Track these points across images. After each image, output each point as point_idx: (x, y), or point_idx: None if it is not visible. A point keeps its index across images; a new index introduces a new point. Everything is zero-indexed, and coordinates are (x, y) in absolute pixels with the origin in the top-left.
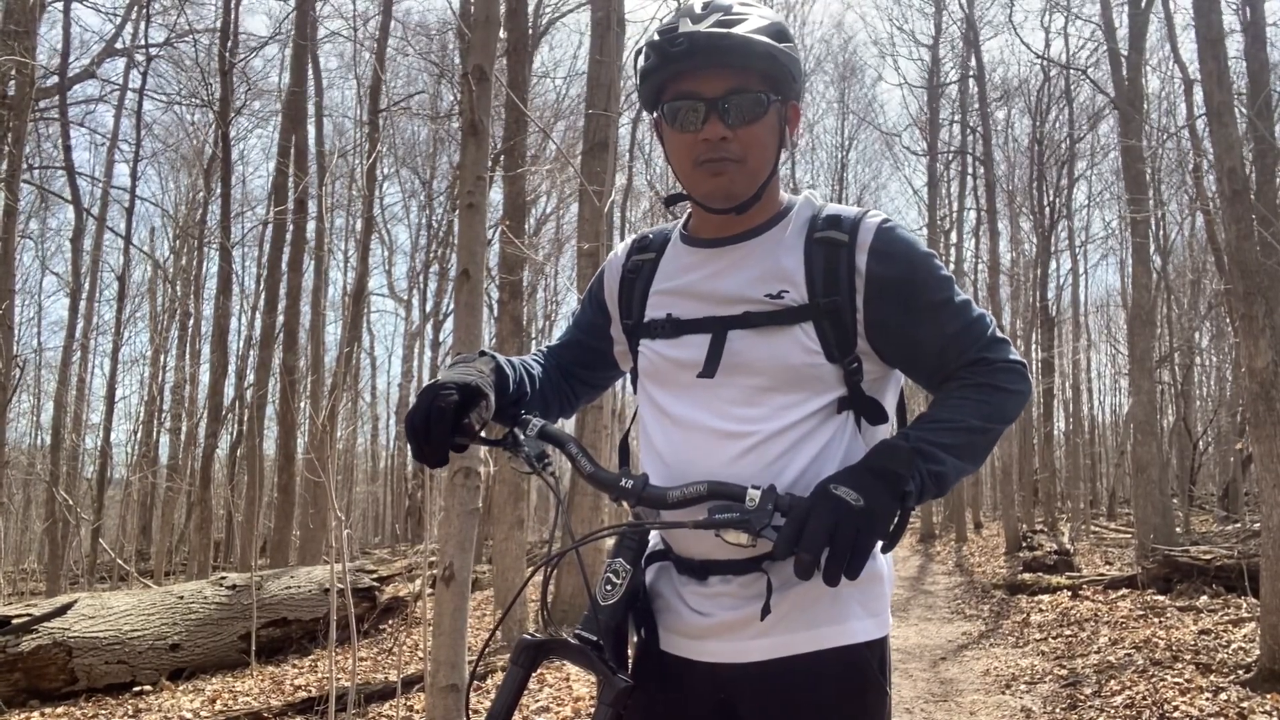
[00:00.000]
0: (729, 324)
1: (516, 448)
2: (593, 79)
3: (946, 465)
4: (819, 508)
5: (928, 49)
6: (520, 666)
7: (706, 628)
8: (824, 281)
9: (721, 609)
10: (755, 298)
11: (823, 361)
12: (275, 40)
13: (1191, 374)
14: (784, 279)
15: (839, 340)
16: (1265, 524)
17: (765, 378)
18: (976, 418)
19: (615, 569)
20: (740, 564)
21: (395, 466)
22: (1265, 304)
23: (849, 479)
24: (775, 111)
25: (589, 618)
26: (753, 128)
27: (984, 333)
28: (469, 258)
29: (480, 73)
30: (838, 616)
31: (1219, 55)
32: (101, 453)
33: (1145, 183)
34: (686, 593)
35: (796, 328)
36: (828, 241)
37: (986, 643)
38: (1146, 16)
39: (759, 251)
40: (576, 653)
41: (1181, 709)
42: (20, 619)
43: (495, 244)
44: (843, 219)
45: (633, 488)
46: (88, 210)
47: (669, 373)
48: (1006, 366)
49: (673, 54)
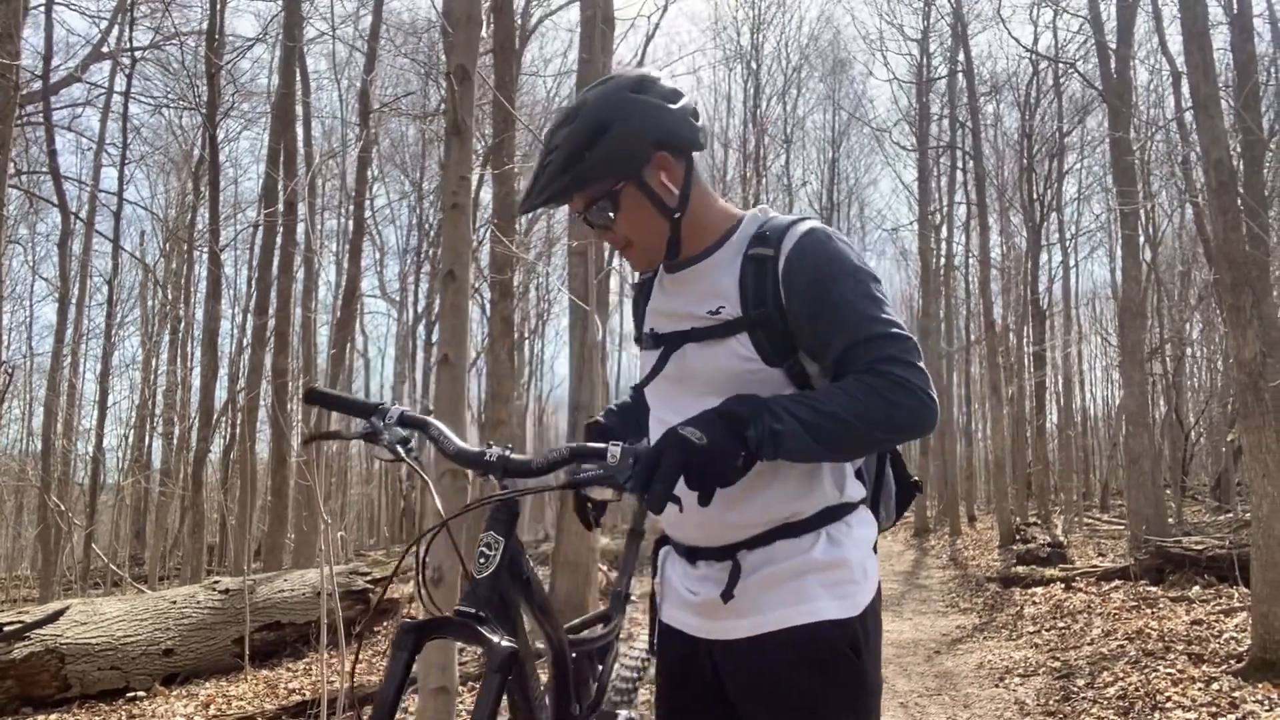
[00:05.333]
0: (684, 338)
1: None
2: (582, 78)
3: (787, 427)
4: (668, 448)
5: (916, 44)
6: (404, 650)
7: (695, 605)
8: (754, 295)
9: (705, 589)
10: (699, 314)
11: (761, 366)
12: (262, 42)
13: (1183, 365)
14: (720, 296)
15: (775, 346)
16: (1255, 514)
17: (711, 384)
18: (843, 409)
19: (488, 542)
20: (718, 550)
21: (389, 469)
22: (1253, 295)
23: (697, 421)
24: (630, 192)
25: (469, 593)
26: (617, 221)
27: (889, 347)
28: (454, 258)
29: (462, 72)
30: (801, 599)
31: (1205, 48)
32: (93, 458)
33: (1134, 175)
34: (681, 573)
35: (733, 339)
36: (756, 258)
37: (981, 636)
38: (1134, 9)
39: (705, 274)
40: (459, 628)
41: (1174, 699)
42: (12, 626)
43: (486, 244)
44: (769, 234)
45: (497, 461)
46: (75, 214)
47: (646, 379)
48: (900, 381)
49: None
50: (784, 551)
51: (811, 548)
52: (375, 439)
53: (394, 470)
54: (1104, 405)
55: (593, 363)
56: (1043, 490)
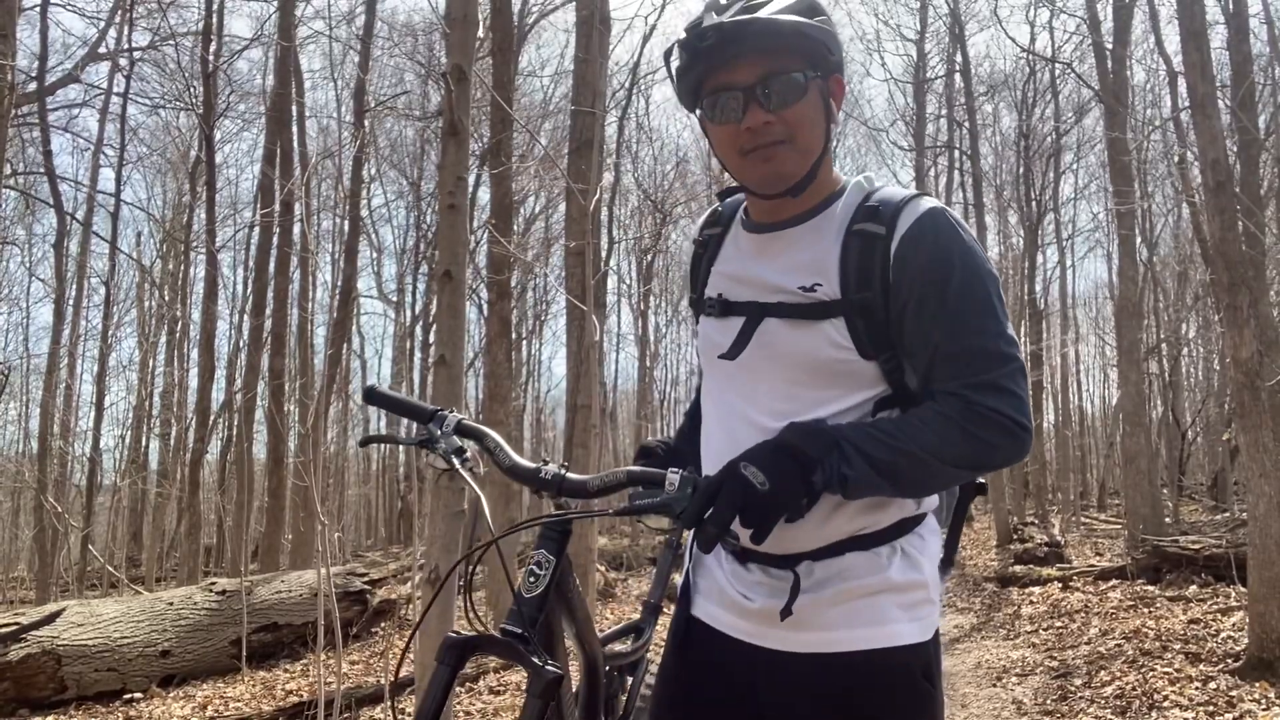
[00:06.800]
0: (766, 311)
1: (432, 444)
2: (578, 77)
3: (857, 472)
4: (727, 487)
5: (913, 44)
6: (446, 666)
7: (747, 610)
8: (857, 277)
9: (761, 596)
10: (790, 289)
11: (855, 358)
12: (259, 43)
13: (1179, 365)
14: (818, 272)
15: (873, 337)
16: (1251, 513)
17: (796, 370)
18: (921, 447)
19: (539, 561)
20: (775, 559)
21: (387, 469)
22: (1249, 295)
23: (761, 458)
24: (816, 88)
25: (514, 611)
26: (795, 107)
27: (985, 370)
28: (451, 258)
29: (459, 72)
30: (876, 619)
31: (1202, 47)
32: (90, 459)
33: (1131, 175)
34: (729, 572)
35: (827, 323)
36: (864, 234)
37: (978, 635)
38: (1131, 10)
39: (801, 241)
40: (503, 648)
41: (1171, 698)
42: (8, 628)
43: (483, 244)
44: (882, 209)
45: (552, 479)
46: (72, 215)
47: (710, 354)
48: (989, 414)
49: (702, 49)
50: (857, 567)
51: (888, 566)
52: (430, 446)
53: (391, 471)
54: (1101, 405)
55: (590, 363)
56: (1040, 490)
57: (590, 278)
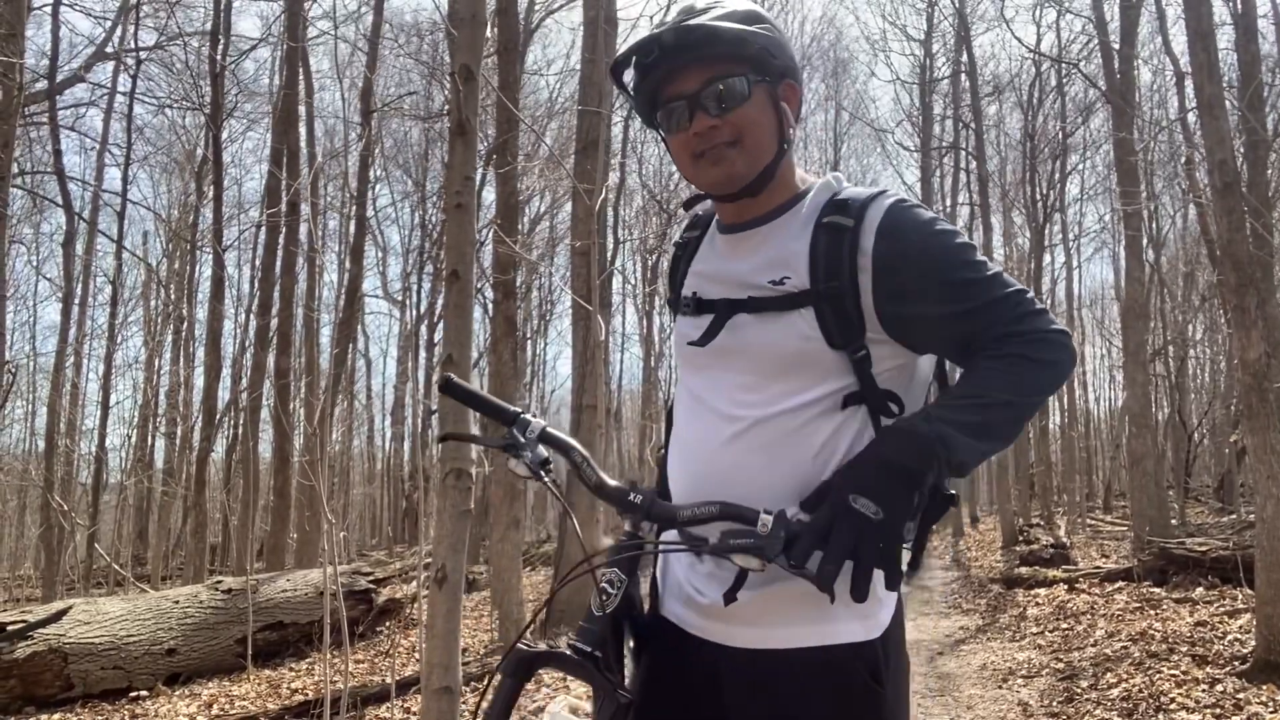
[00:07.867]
0: (737, 306)
1: (517, 451)
2: (585, 78)
3: (964, 452)
4: (840, 525)
5: (919, 44)
6: (513, 678)
7: (700, 605)
8: (826, 266)
9: (712, 589)
10: (760, 284)
11: (823, 348)
12: (266, 43)
13: (1186, 366)
14: (786, 265)
15: (841, 327)
16: (1259, 515)
17: (763, 361)
18: (1003, 391)
19: (610, 579)
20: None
21: (391, 468)
22: (1257, 296)
23: (867, 486)
24: (763, 91)
25: (586, 629)
26: (740, 110)
27: (1014, 307)
28: (458, 258)
29: (466, 72)
30: (818, 616)
31: (1210, 48)
32: (96, 458)
33: (1138, 176)
34: (686, 564)
35: (795, 313)
36: (832, 226)
37: (984, 637)
38: (1138, 10)
39: (770, 238)
40: (574, 665)
41: (1178, 701)
42: (15, 625)
43: (489, 244)
44: (851, 203)
45: (641, 504)
46: (79, 214)
47: (685, 348)
48: (1039, 336)
49: (647, 64)
50: None
51: None
52: (515, 453)
53: (396, 470)
54: (1107, 406)
55: (595, 363)
56: (1045, 491)
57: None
